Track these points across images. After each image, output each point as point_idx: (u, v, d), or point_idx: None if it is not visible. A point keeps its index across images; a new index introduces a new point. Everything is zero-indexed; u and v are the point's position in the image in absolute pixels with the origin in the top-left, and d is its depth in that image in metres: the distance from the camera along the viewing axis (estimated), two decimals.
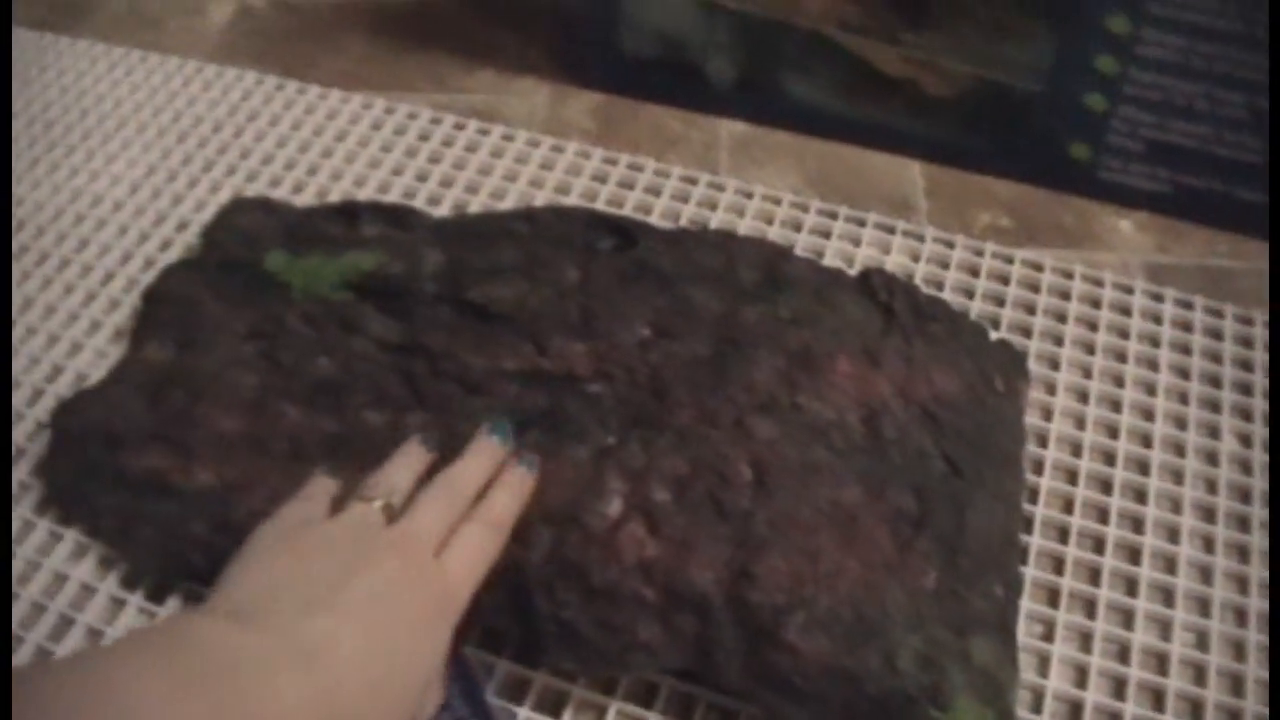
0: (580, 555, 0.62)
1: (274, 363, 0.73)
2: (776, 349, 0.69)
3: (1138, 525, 0.69)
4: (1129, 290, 0.81)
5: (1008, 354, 0.75)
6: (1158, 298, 0.81)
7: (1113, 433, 0.74)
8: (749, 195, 0.86)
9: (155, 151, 0.92)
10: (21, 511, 0.72)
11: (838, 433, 0.67)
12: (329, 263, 0.76)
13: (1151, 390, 0.76)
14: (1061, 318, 0.80)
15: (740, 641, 0.60)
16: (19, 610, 0.68)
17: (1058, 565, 0.68)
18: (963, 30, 0.82)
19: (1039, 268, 0.82)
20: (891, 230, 0.84)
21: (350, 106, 0.95)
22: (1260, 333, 0.78)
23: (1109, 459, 0.72)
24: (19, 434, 0.75)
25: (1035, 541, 0.68)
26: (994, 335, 0.76)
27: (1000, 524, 0.67)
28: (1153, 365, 0.77)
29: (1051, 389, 0.75)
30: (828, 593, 0.60)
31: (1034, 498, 0.70)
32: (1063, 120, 0.84)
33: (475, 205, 0.86)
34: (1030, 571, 0.67)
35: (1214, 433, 0.73)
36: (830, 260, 0.81)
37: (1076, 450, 0.73)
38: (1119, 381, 0.76)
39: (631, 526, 0.62)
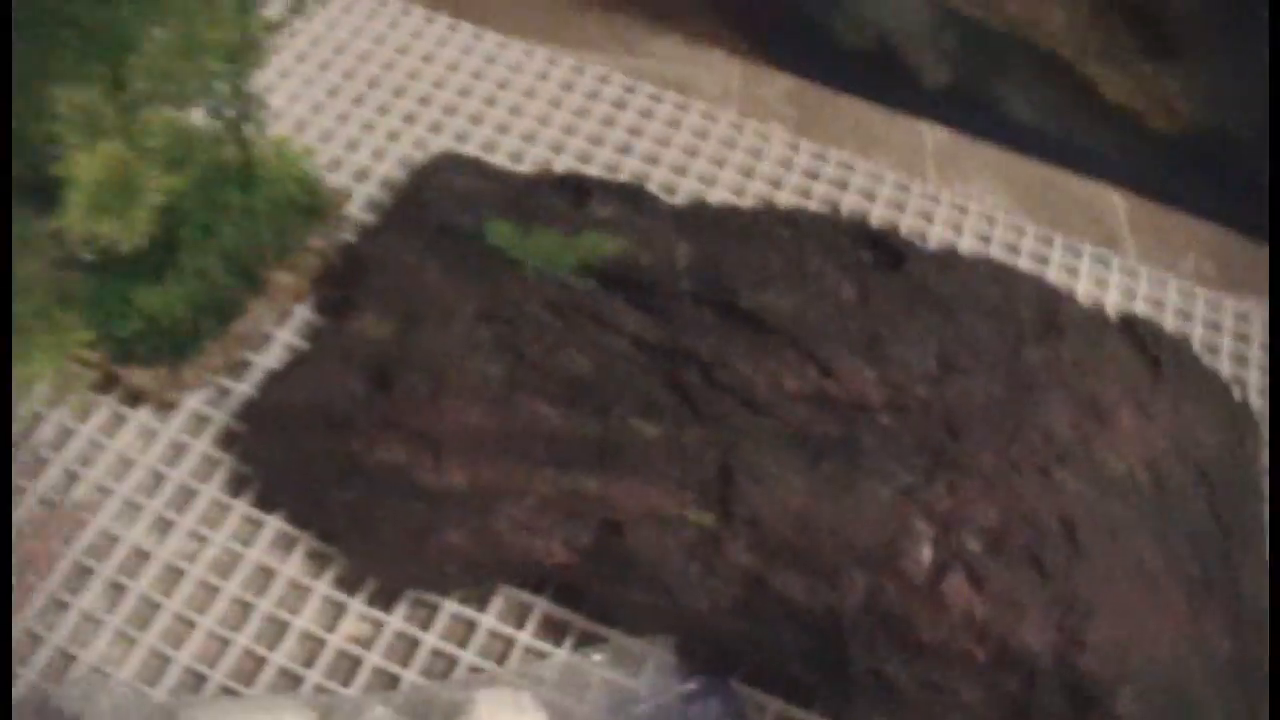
0: (903, 607, 0.58)
1: (517, 353, 0.67)
2: (1067, 396, 0.66)
3: None
4: None
5: (1247, 414, 0.74)
6: None
7: None
8: (964, 210, 0.83)
9: (320, 87, 0.84)
10: (210, 491, 0.65)
11: (1131, 488, 0.64)
12: (565, 242, 0.70)
13: None
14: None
15: (1067, 708, 0.57)
16: (220, 605, 0.61)
17: None
18: (1204, 71, 0.80)
19: (1247, 319, 0.81)
20: (1107, 264, 0.81)
21: (535, 61, 0.88)
22: None
23: None
24: (198, 400, 0.67)
25: None
26: (1236, 393, 0.74)
27: (1260, 593, 0.66)
28: None
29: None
30: (1149, 664, 0.58)
31: None
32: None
33: (685, 188, 0.81)
34: None
35: None
36: None
37: None
38: None
39: (954, 579, 0.59)
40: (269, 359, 0.69)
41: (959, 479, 0.62)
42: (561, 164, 0.81)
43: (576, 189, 0.75)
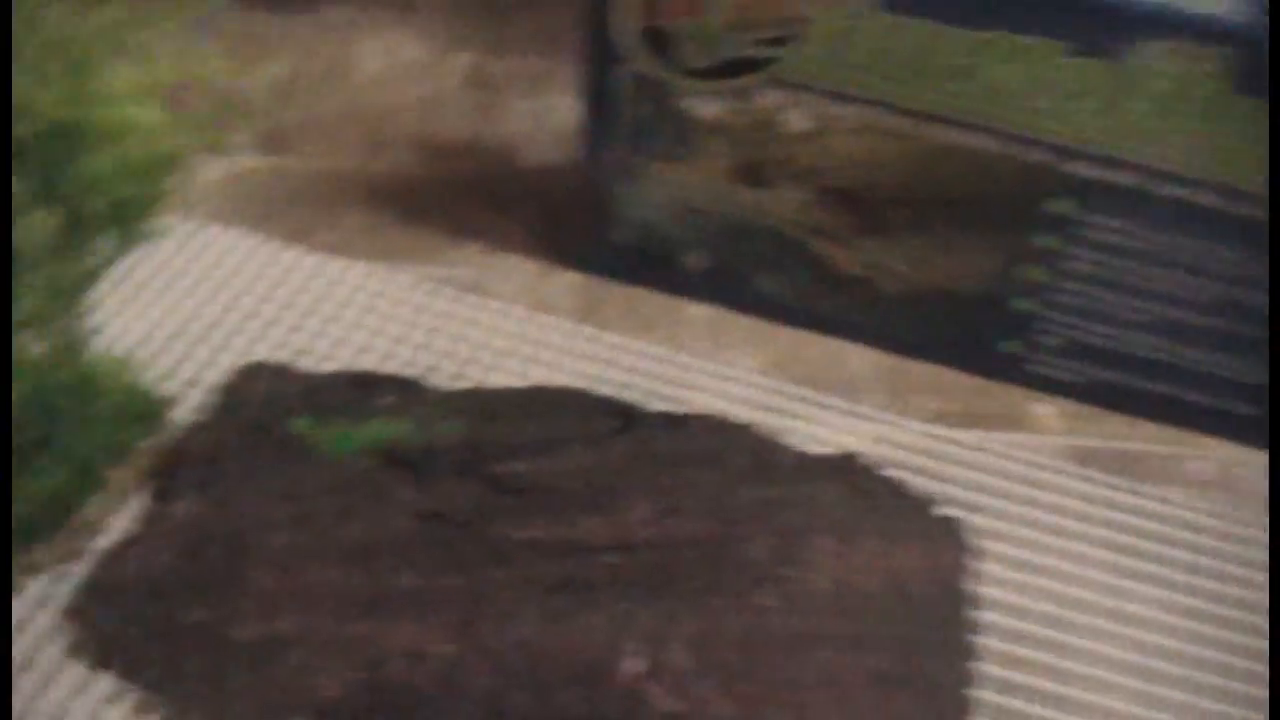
0: (613, 711, 0.70)
1: (306, 526, 0.79)
2: (769, 529, 0.79)
3: (1064, 678, 0.79)
4: (1060, 471, 0.92)
5: (951, 530, 0.85)
6: (1087, 479, 0.92)
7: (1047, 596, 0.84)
8: (722, 377, 0.96)
9: (158, 308, 0.98)
10: (52, 653, 0.77)
11: (825, 603, 0.76)
12: (351, 431, 0.84)
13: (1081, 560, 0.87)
14: (1006, 496, 0.90)
15: None
16: None
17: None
18: (914, 242, 0.94)
19: (982, 449, 0.93)
20: (851, 413, 0.94)
21: (351, 275, 1.02)
22: (1169, 510, 0.90)
23: (1049, 621, 0.83)
24: (41, 584, 0.79)
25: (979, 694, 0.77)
26: (942, 511, 0.86)
27: (960, 682, 0.77)
28: (1081, 539, 0.88)
29: (1002, 560, 0.86)
30: None
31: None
32: (996, 320, 0.96)
33: (474, 375, 0.94)
34: None
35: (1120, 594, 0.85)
36: (799, 440, 0.90)
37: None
38: (1061, 554, 0.87)
39: (652, 684, 0.71)
40: (105, 542, 0.82)
41: (665, 603, 0.74)
42: (367, 362, 0.94)
43: (363, 384, 0.89)
